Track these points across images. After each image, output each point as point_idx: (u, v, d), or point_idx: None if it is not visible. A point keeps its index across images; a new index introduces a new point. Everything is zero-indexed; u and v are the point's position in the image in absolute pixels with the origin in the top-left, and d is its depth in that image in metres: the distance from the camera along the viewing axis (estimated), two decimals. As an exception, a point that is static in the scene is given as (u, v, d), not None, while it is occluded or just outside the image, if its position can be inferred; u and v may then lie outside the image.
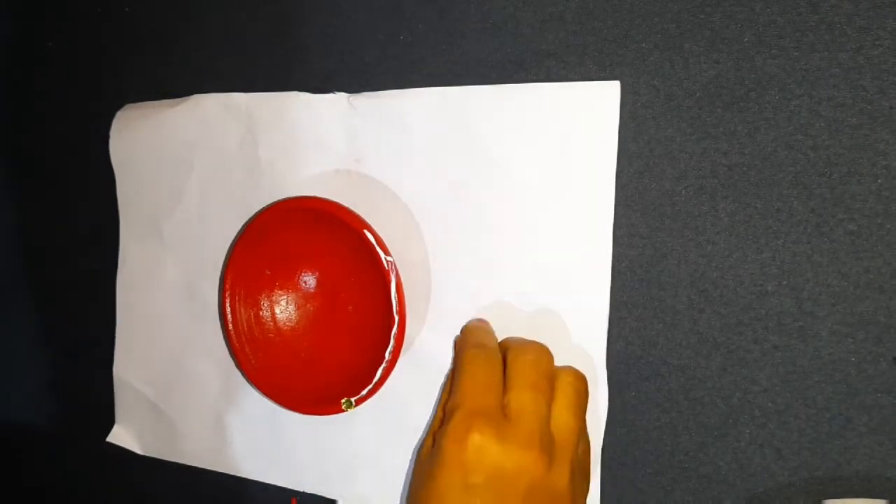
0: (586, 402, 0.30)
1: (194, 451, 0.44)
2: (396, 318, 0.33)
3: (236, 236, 0.41)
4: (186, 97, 0.42)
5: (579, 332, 0.33)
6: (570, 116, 0.32)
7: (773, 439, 0.31)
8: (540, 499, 0.26)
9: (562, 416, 0.28)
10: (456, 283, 0.36)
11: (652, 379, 0.33)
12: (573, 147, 0.32)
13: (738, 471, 0.31)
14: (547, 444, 0.27)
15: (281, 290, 0.39)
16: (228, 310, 0.37)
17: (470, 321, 0.35)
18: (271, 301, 0.38)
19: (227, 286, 0.37)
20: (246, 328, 0.38)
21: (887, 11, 0.28)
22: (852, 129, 0.29)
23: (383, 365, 0.34)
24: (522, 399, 0.27)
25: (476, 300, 0.35)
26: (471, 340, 0.31)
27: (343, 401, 0.35)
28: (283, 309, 0.39)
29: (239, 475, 0.43)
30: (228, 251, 0.41)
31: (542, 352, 0.30)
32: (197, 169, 0.42)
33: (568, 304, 0.33)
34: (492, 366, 0.29)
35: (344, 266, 0.37)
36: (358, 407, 0.35)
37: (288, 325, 0.39)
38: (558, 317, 0.33)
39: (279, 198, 0.39)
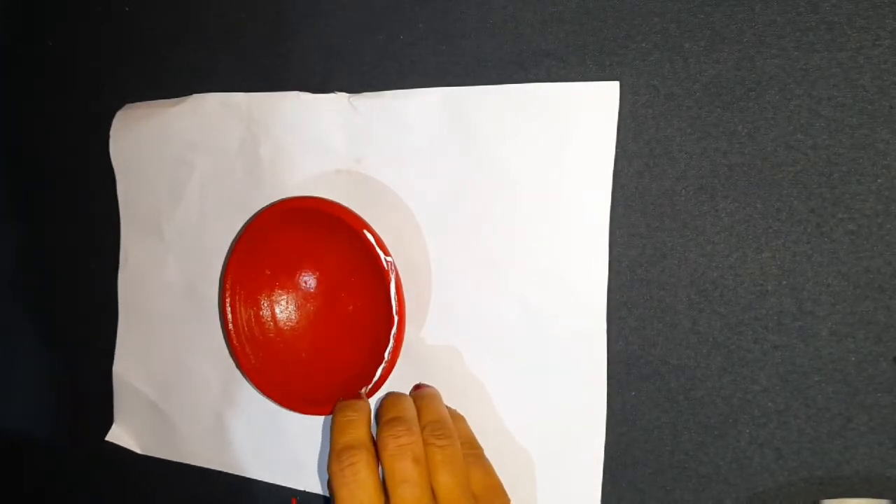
0: (455, 442, 0.31)
1: (194, 451, 0.44)
2: (396, 318, 0.33)
3: (236, 236, 0.41)
4: (186, 97, 0.42)
5: (579, 332, 0.33)
6: (570, 116, 0.32)
7: (773, 439, 0.31)
8: None
9: (438, 481, 0.30)
10: (456, 283, 0.35)
11: (652, 379, 0.33)
12: (572, 147, 0.32)
13: (738, 471, 0.31)
14: None
15: (281, 290, 0.39)
16: (228, 310, 0.37)
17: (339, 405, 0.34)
18: (271, 301, 0.38)
19: (227, 286, 0.37)
20: (246, 328, 0.38)
21: (887, 11, 0.28)
22: (852, 129, 0.29)
23: (383, 365, 0.34)
24: (399, 496, 0.29)
25: (475, 300, 0.35)
26: (343, 440, 0.31)
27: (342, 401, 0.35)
28: (283, 309, 0.39)
29: (239, 475, 0.43)
30: (228, 251, 0.41)
31: (402, 433, 0.30)
32: (197, 169, 0.42)
33: (567, 303, 0.33)
34: (371, 479, 0.30)
35: (344, 266, 0.37)
36: (358, 407, 0.35)
37: (288, 325, 0.39)
38: (558, 316, 0.33)
39: (279, 198, 0.39)
